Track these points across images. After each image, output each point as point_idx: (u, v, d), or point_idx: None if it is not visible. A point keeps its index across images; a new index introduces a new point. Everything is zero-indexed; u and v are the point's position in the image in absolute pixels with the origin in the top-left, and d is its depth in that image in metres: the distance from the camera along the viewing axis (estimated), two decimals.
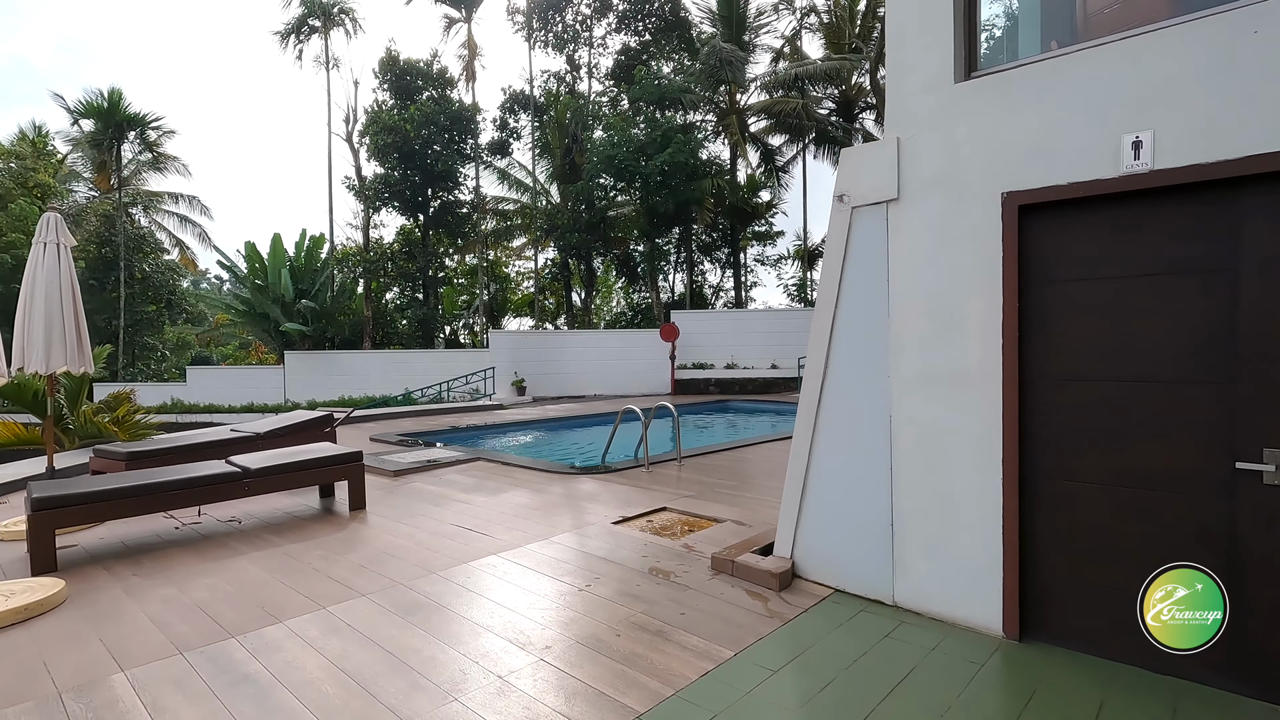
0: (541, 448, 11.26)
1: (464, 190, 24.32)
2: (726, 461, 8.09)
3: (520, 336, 22.42)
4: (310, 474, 5.63)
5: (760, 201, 24.38)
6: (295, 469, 5.52)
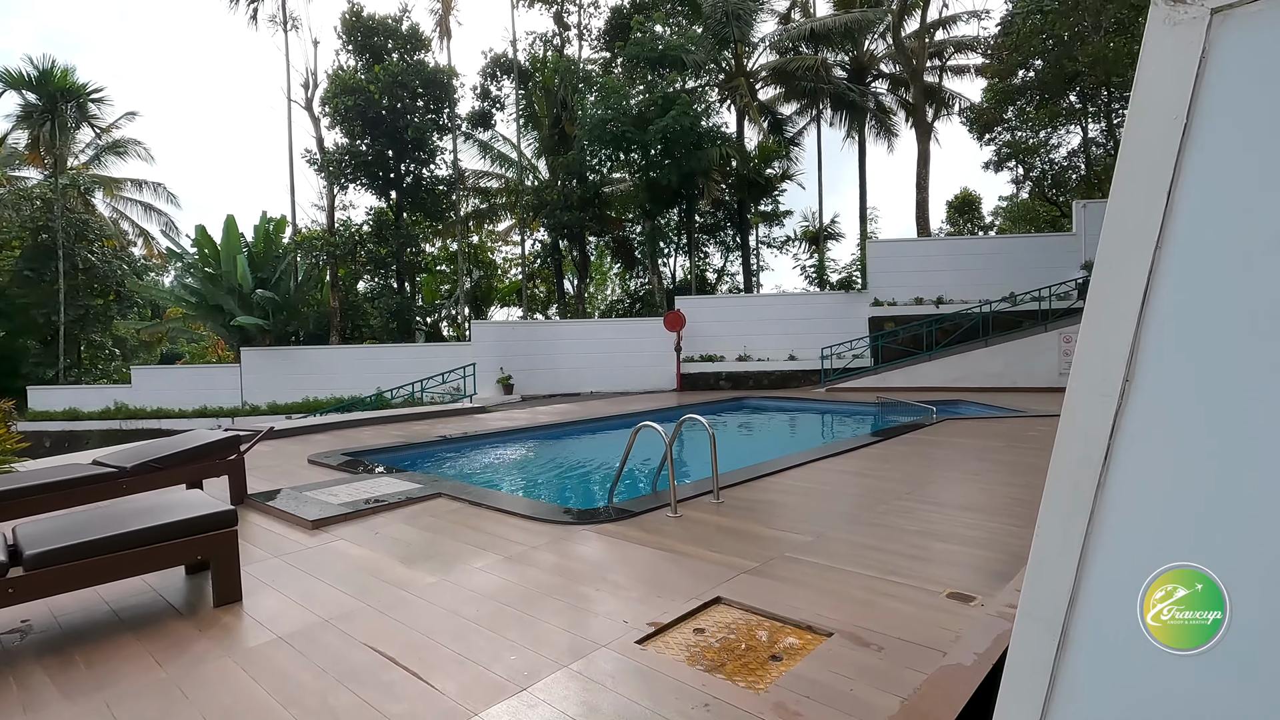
0: (528, 469, 9.13)
1: (441, 165, 22.04)
2: (779, 493, 5.99)
3: (506, 328, 20.26)
4: (130, 558, 3.49)
5: (773, 173, 22.20)
6: (99, 551, 3.37)
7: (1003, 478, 6.45)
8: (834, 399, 15.42)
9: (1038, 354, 15.57)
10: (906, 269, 19.07)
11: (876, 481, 6.40)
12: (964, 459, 7.45)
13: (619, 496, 6.12)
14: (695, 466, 9.21)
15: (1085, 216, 18.21)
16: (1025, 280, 17.95)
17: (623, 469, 5.62)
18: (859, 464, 7.27)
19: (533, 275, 30.20)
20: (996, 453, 7.76)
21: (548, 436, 11.38)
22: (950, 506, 5.40)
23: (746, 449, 10.91)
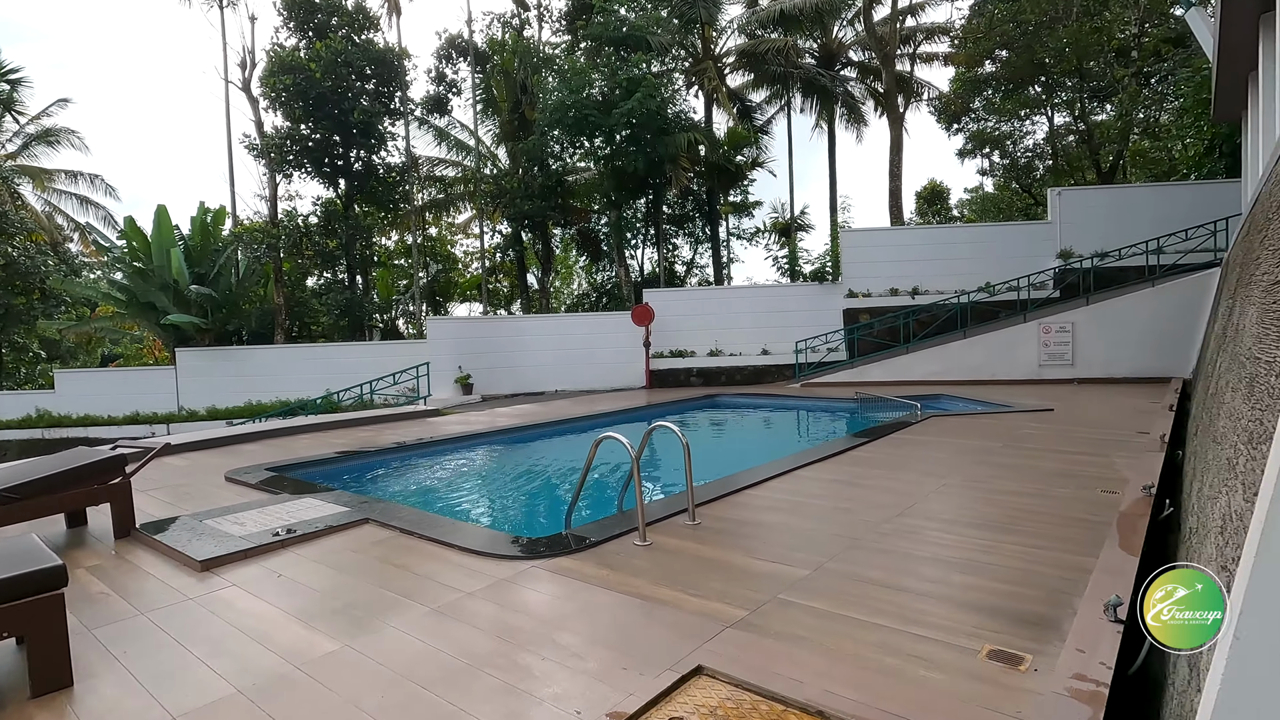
0: (478, 482, 8.22)
1: (394, 152, 20.84)
2: (764, 509, 5.25)
3: (465, 324, 19.23)
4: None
5: (743, 160, 21.51)
6: None
7: (1009, 485, 5.81)
8: (810, 395, 14.82)
9: (1017, 345, 15.19)
10: (881, 259, 18.58)
11: (871, 492, 5.70)
12: (961, 462, 6.82)
13: (580, 518, 5.32)
14: (667, 474, 8.45)
15: (1061, 204, 17.92)
16: (1002, 270, 17.59)
17: (581, 488, 4.80)
18: (849, 471, 6.58)
19: (494, 269, 29.09)
20: (995, 455, 7.15)
21: (505, 442, 10.49)
22: (959, 524, 4.71)
23: (722, 453, 10.18)
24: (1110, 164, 21.80)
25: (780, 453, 10.01)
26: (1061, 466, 6.48)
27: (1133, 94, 19.61)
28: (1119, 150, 21.55)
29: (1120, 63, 21.08)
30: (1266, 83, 9.06)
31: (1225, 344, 4.89)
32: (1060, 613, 3.18)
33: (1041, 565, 3.82)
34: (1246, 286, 4.05)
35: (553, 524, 5.65)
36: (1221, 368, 4.54)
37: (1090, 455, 6.94)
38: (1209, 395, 5.25)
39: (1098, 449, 7.26)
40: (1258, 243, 3.85)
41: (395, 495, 7.23)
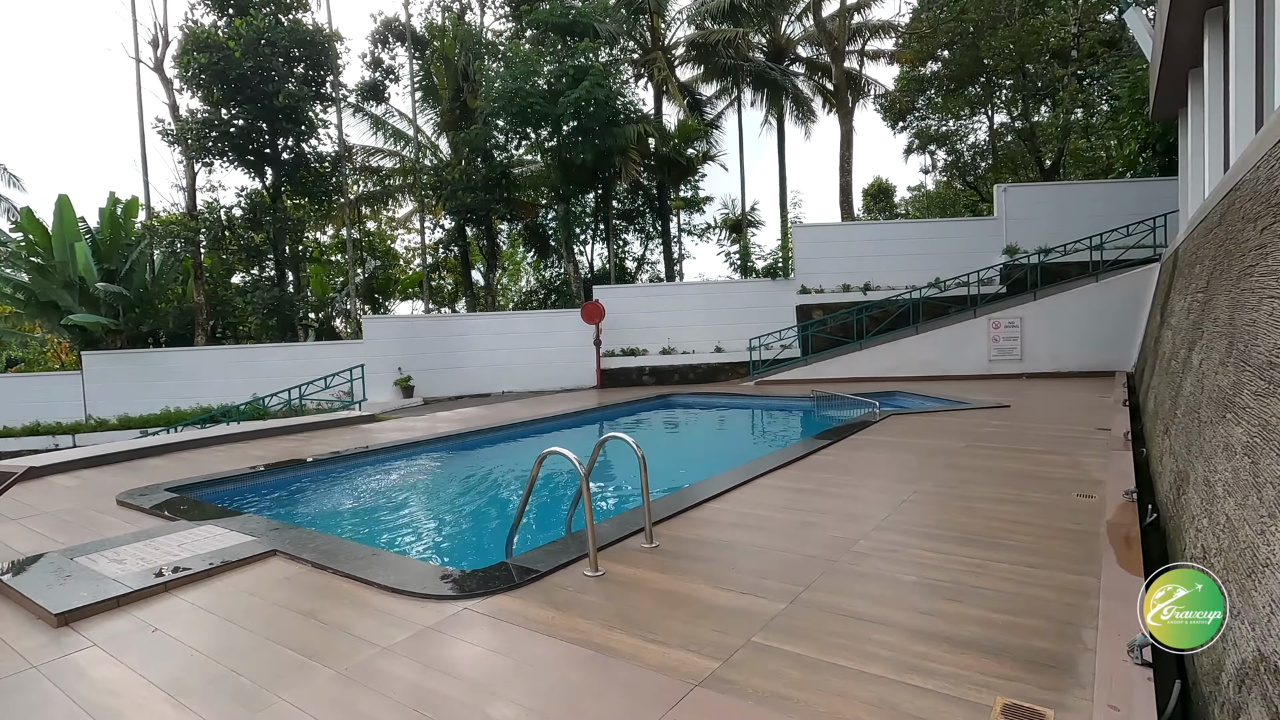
0: (411, 499, 7.50)
1: (326, 141, 19.63)
2: (728, 526, 4.78)
3: (405, 323, 18.27)
4: None
5: (694, 153, 21.14)
6: None
7: (982, 490, 5.51)
8: (766, 393, 14.55)
9: (968, 341, 15.27)
10: (833, 254, 18.49)
11: (840, 502, 5.31)
12: (928, 466, 6.53)
13: (525, 540, 4.77)
14: (621, 484, 7.93)
15: (1006, 200, 18.18)
16: (951, 265, 17.73)
17: (523, 511, 4.24)
18: (813, 478, 6.19)
19: (438, 265, 28.00)
20: (960, 456, 6.89)
21: (444, 450, 9.78)
22: (940, 538, 4.35)
23: (677, 458, 9.73)
24: (1052, 161, 22.36)
25: (738, 456, 9.63)
26: (1030, 468, 6.25)
27: (1072, 93, 20.10)
28: (1060, 148, 22.12)
29: (1058, 63, 21.59)
30: (1214, 76, 9.14)
31: (1208, 343, 4.66)
32: (1073, 649, 2.80)
33: (1039, 588, 3.46)
34: (1240, 279, 3.78)
35: (494, 550, 5.07)
36: (1208, 368, 4.29)
37: (1056, 455, 6.76)
38: (1189, 399, 5.04)
39: (1061, 448, 7.09)
40: (1256, 230, 3.57)
41: (315, 518, 6.49)
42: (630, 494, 7.37)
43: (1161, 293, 11.52)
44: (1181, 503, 3.95)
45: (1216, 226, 5.48)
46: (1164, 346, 8.21)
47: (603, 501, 7.11)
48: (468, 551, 5.56)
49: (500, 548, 4.48)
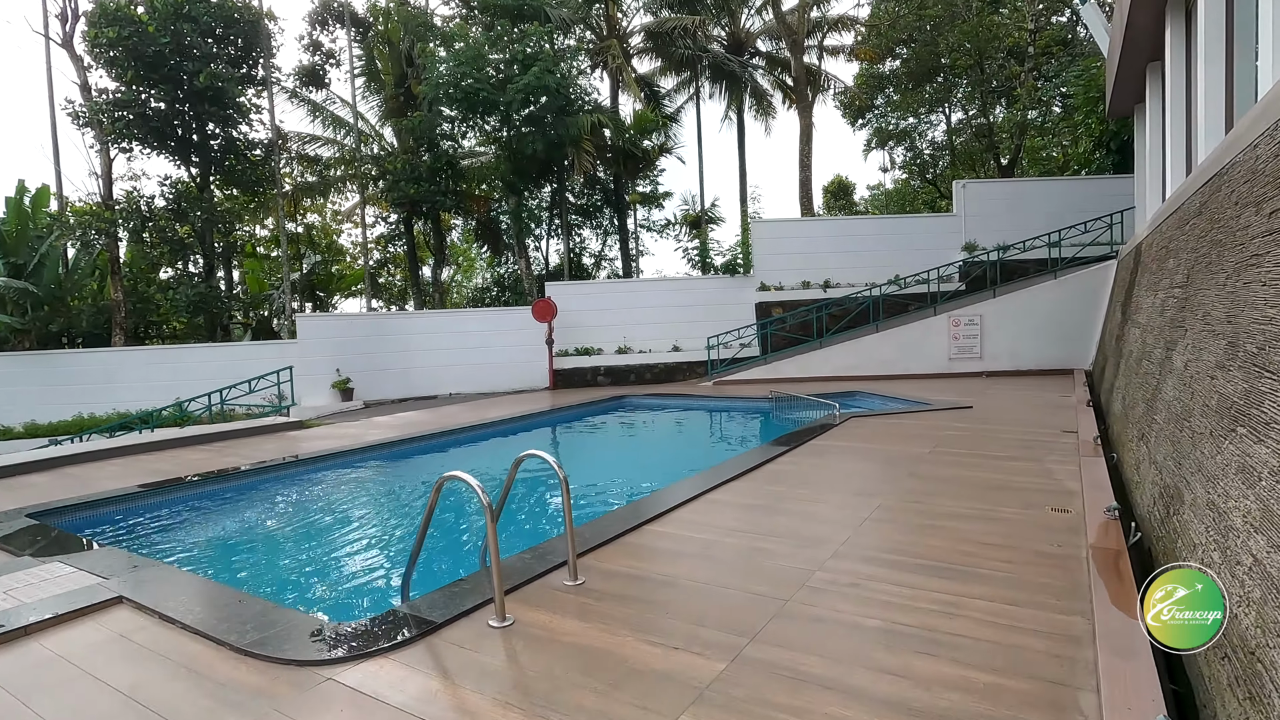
0: (313, 526, 6.58)
1: (258, 127, 18.42)
2: (667, 556, 4.18)
3: (344, 322, 17.27)
4: None
5: (651, 146, 20.54)
6: None
7: (948, 503, 5.03)
8: (724, 394, 14.06)
9: (928, 339, 15.03)
10: (792, 250, 18.12)
11: (796, 522, 4.77)
12: (891, 475, 6.05)
13: (432, 575, 4.10)
14: (551, 503, 7.26)
15: (965, 197, 18.06)
16: (910, 262, 17.52)
17: (420, 547, 3.56)
18: (768, 492, 5.64)
19: (385, 261, 26.84)
20: (925, 464, 6.43)
21: (371, 461, 8.97)
22: (907, 567, 3.82)
23: (624, 468, 9.11)
24: (1009, 159, 22.45)
25: (690, 464, 9.06)
26: (999, 477, 5.81)
27: (1029, 88, 20.13)
28: (1017, 145, 22.21)
29: (1015, 61, 21.66)
30: (1175, 66, 8.92)
31: (1197, 343, 4.24)
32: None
33: (1023, 634, 2.94)
34: (1240, 271, 3.33)
35: (394, 589, 4.36)
36: (1199, 371, 3.86)
37: (1024, 461, 6.35)
38: (1173, 404, 4.63)
39: (1029, 453, 6.70)
40: (1263, 215, 3.11)
41: (192, 550, 5.65)
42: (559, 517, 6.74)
43: (1121, 290, 11.37)
44: (1175, 525, 3.50)
45: (1196, 216, 5.10)
46: (1130, 345, 7.92)
47: (532, 523, 6.42)
48: (366, 592, 4.82)
49: (400, 593, 3.79)
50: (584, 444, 11.25)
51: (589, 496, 7.15)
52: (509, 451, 10.21)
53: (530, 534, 5.98)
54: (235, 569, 5.28)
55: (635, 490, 7.36)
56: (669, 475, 8.02)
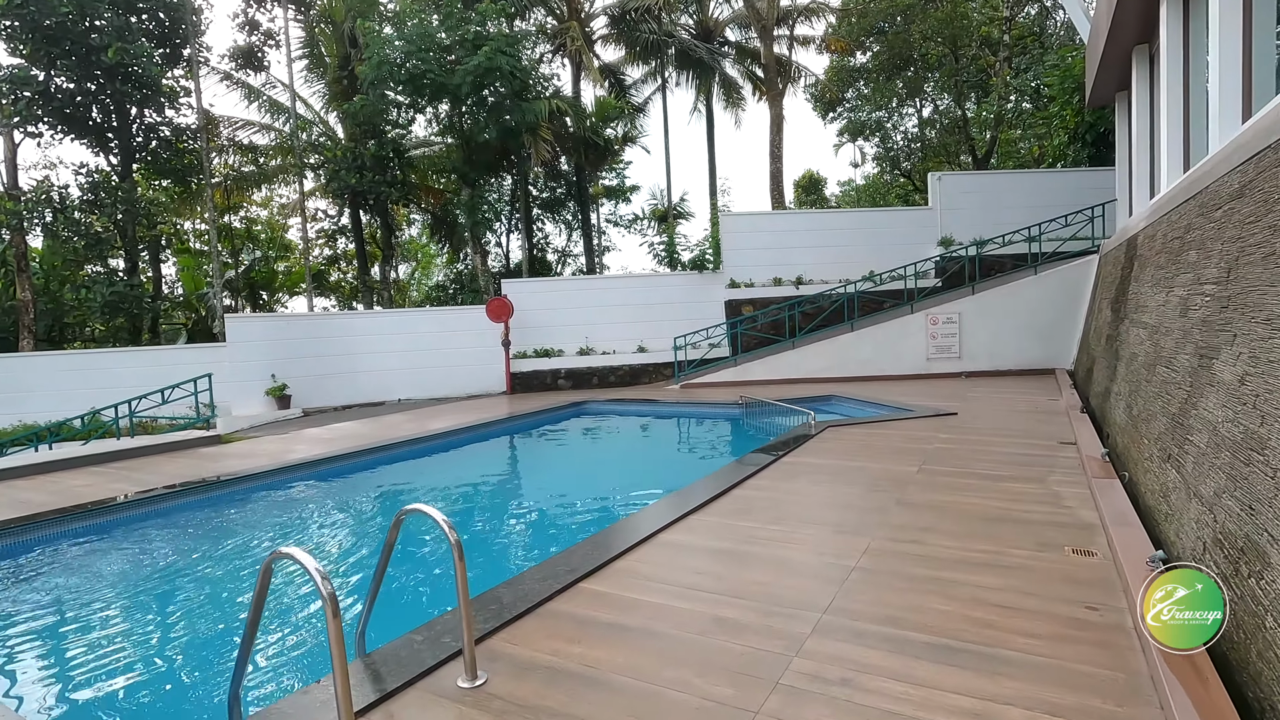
0: (175, 586, 5.37)
1: (187, 112, 17.00)
2: (602, 631, 3.25)
3: (280, 323, 16.02)
4: None
5: (614, 134, 19.58)
6: None
7: (953, 546, 4.21)
8: (691, 398, 13.21)
9: (905, 338, 14.36)
10: (763, 245, 17.36)
11: (769, 572, 3.90)
12: (880, 504, 5.23)
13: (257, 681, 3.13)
14: (483, 542, 6.32)
15: (941, 189, 17.48)
16: (885, 257, 16.88)
17: (250, 649, 2.58)
18: (736, 530, 4.76)
19: (337, 258, 25.47)
20: (914, 487, 5.63)
21: (289, 484, 7.89)
22: (912, 648, 2.96)
23: (575, 487, 8.17)
24: (985, 151, 22.01)
25: (650, 482, 8.18)
26: (1000, 504, 5.02)
27: (1005, 77, 19.66)
28: (993, 136, 21.77)
29: (989, 51, 21.21)
30: (1171, 45, 8.28)
31: (1257, 354, 3.46)
32: None
33: None
34: None
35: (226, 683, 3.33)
36: (1267, 388, 3.06)
37: (1025, 483, 5.58)
38: (1225, 428, 3.84)
39: (1029, 471, 5.94)
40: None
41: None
42: (494, 567, 5.79)
43: (1108, 286, 10.77)
44: (1258, 591, 2.69)
45: (1234, 200, 4.34)
46: (1132, 347, 7.23)
47: (434, 587, 5.26)
48: (201, 685, 3.75)
49: (256, 679, 2.82)
50: (533, 460, 10.30)
51: (527, 532, 6.22)
52: (451, 471, 9.25)
53: (433, 597, 4.91)
54: (29, 652, 4.17)
55: (582, 521, 6.44)
56: (622, 500, 7.14)
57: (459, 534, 2.73)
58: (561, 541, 5.83)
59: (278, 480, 7.85)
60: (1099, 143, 17.52)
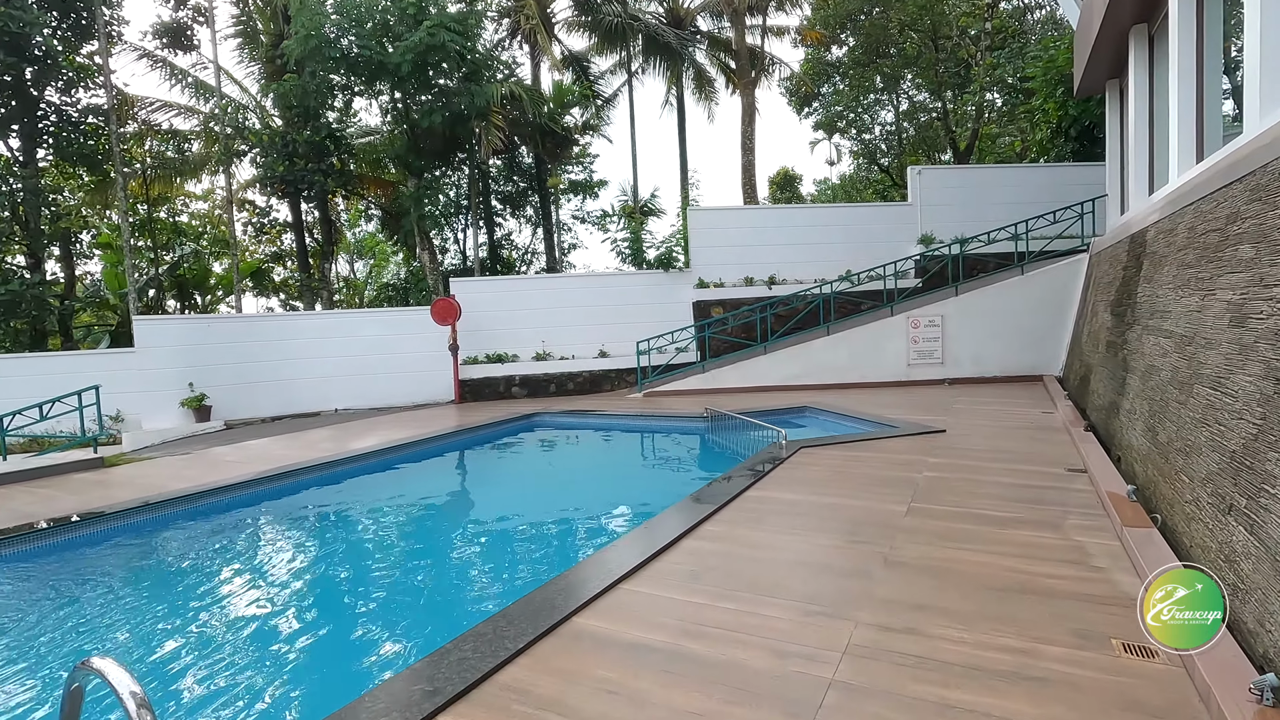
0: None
1: (93, 89, 15.41)
2: None
3: (199, 326, 14.58)
4: None
5: (573, 122, 18.39)
6: None
7: (970, 633, 3.16)
8: (653, 409, 12.11)
9: (884, 341, 13.42)
10: (734, 242, 16.34)
11: (718, 694, 2.79)
12: (864, 561, 4.17)
13: None
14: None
15: (921, 184, 16.62)
16: (863, 256, 15.97)
17: None
18: (683, 606, 3.66)
19: (281, 255, 23.90)
20: (905, 537, 4.58)
21: (154, 528, 6.59)
22: None
23: (497, 534, 6.98)
24: (967, 144, 21.25)
25: (597, 512, 7.07)
26: (1013, 565, 3.98)
27: (988, 66, 18.89)
28: (974, 129, 21.02)
29: (970, 41, 20.47)
30: (1184, 18, 7.39)
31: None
32: None
33: None
34: None
35: None
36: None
37: (1038, 529, 4.57)
38: None
39: (1039, 512, 4.94)
40: None
41: None
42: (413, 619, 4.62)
43: (1106, 287, 9.89)
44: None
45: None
46: (1148, 359, 6.29)
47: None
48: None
49: None
50: (465, 487, 9.10)
51: (419, 605, 5.04)
52: (366, 499, 7.95)
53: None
54: None
55: (484, 589, 5.27)
56: (546, 558, 5.99)
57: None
58: (465, 611, 4.69)
59: (136, 522, 6.53)
60: (1083, 137, 16.84)
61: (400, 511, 7.57)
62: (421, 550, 6.30)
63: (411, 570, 5.65)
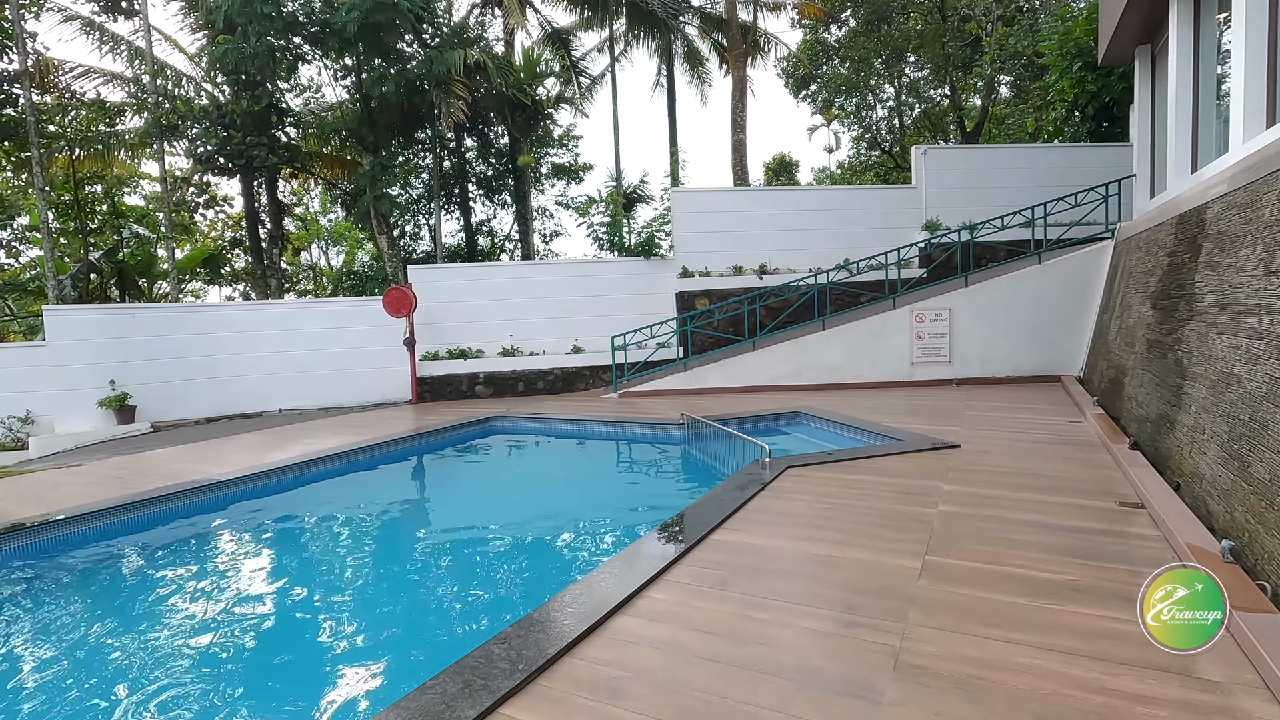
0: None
1: (12, 57, 13.98)
2: None
3: (122, 317, 13.23)
4: None
5: (544, 95, 17.04)
6: None
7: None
8: (627, 413, 10.86)
9: (886, 338, 12.19)
10: (722, 227, 15.07)
11: None
12: (865, 661, 2.96)
13: None
14: None
15: (926, 165, 15.35)
16: (862, 243, 14.75)
17: None
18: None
19: (239, 241, 22.54)
20: (923, 612, 3.36)
21: (35, 556, 5.33)
22: None
23: (411, 587, 5.73)
24: (975, 123, 19.96)
25: (552, 545, 5.83)
26: (1086, 682, 2.73)
27: (1000, 37, 17.60)
28: (984, 107, 19.73)
29: (982, 13, 19.18)
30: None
31: None
32: None
33: None
34: None
35: None
36: None
37: (1103, 604, 3.33)
38: None
39: (1096, 572, 3.71)
40: None
41: None
42: None
43: (1141, 277, 8.66)
44: None
45: None
46: (1220, 364, 5.07)
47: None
48: None
49: None
50: (402, 508, 7.85)
51: (362, 645, 3.79)
52: (283, 523, 6.77)
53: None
54: None
55: (428, 638, 4.02)
56: (487, 596, 4.73)
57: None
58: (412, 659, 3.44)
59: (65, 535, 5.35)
60: (1101, 115, 15.64)
61: (301, 544, 6.31)
62: (302, 602, 5.04)
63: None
